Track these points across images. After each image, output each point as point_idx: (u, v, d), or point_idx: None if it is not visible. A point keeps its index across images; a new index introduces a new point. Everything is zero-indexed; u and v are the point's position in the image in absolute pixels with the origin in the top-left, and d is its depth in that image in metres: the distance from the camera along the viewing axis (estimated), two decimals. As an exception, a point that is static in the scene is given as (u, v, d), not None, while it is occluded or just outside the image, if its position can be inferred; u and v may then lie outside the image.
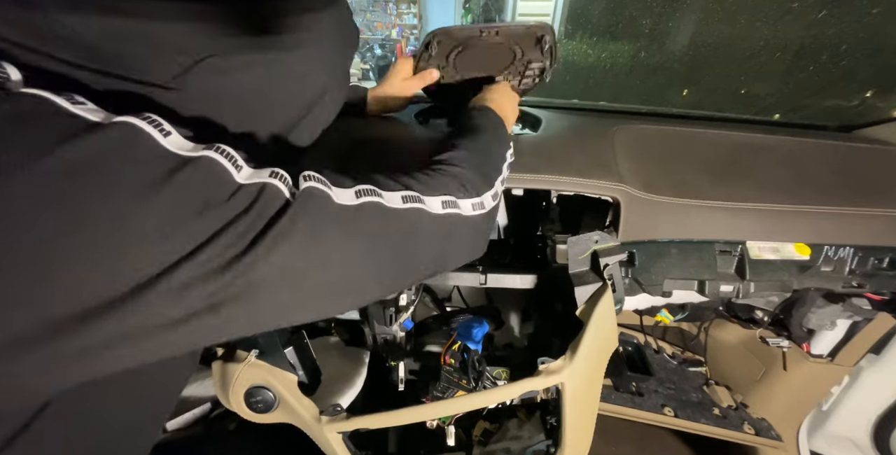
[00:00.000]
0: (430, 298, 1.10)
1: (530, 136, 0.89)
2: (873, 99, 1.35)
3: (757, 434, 1.12)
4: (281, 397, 0.67)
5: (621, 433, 1.49)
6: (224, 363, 0.68)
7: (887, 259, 0.87)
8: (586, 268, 0.74)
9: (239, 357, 0.67)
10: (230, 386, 0.67)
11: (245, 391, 0.67)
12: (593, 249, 0.73)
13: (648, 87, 2.74)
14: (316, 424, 0.67)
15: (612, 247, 0.73)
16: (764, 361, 1.17)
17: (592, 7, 3.72)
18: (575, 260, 0.74)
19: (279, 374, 0.68)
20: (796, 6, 1.79)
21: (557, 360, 0.65)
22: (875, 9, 1.44)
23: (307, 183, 0.34)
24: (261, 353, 0.68)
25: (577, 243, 0.74)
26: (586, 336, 0.66)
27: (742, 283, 0.84)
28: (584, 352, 0.65)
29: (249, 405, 0.68)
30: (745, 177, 0.86)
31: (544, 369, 0.65)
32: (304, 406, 0.68)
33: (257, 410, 0.68)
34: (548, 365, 0.65)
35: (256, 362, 0.67)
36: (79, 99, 0.28)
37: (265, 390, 0.67)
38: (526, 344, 1.05)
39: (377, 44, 7.85)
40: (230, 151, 0.32)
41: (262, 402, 0.67)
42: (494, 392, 0.67)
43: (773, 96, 1.90)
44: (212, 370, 0.70)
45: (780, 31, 1.87)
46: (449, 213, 0.44)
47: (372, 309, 0.81)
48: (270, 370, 0.67)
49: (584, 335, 0.66)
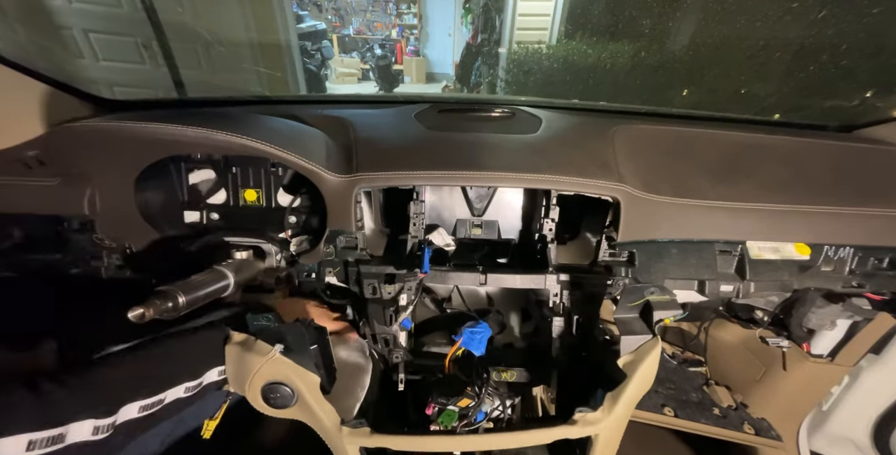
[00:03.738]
0: (429, 299, 1.10)
1: (530, 136, 0.89)
2: (873, 99, 1.35)
3: (757, 434, 1.12)
4: (301, 397, 0.65)
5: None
6: (244, 352, 0.64)
7: (887, 259, 0.87)
8: (635, 315, 0.70)
9: (261, 349, 0.64)
10: (249, 377, 0.64)
11: (264, 385, 0.64)
12: (647, 299, 0.69)
13: (648, 87, 2.74)
14: (336, 433, 0.65)
15: (668, 300, 0.69)
16: (764, 361, 1.17)
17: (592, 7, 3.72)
18: (625, 306, 0.70)
19: (303, 373, 0.65)
20: (796, 6, 1.79)
21: (596, 411, 0.65)
22: (875, 9, 1.44)
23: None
24: (286, 349, 0.65)
25: (632, 291, 0.70)
26: (628, 390, 0.65)
27: (742, 283, 0.84)
28: (622, 407, 0.64)
29: (265, 399, 0.65)
30: (745, 177, 0.86)
31: (581, 419, 0.64)
32: (325, 411, 0.66)
33: (273, 405, 0.65)
34: (585, 414, 0.64)
35: (281, 358, 0.63)
36: None
37: (284, 387, 0.64)
38: (525, 345, 1.05)
39: (377, 44, 7.85)
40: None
41: (280, 399, 0.64)
42: (529, 434, 0.66)
43: (773, 96, 1.90)
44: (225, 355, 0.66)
45: (780, 31, 1.87)
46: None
47: (372, 309, 0.81)
48: (295, 369, 0.64)
49: (627, 388, 0.65)
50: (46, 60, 1.85)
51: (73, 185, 0.80)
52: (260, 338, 0.65)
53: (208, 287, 0.70)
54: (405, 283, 0.81)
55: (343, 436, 0.64)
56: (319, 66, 5.80)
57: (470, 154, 0.80)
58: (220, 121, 0.77)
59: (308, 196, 0.89)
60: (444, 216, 0.99)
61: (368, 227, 0.97)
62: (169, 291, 0.61)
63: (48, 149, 0.78)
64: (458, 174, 0.77)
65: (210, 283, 0.71)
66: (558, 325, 0.82)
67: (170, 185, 0.89)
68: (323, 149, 0.82)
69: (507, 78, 4.45)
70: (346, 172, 0.78)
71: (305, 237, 0.88)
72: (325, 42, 6.01)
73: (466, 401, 0.72)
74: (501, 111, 0.98)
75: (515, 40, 4.81)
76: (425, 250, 0.81)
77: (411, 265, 0.81)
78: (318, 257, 0.82)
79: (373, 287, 0.80)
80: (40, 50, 1.92)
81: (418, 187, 0.84)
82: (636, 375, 0.65)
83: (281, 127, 0.85)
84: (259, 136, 0.75)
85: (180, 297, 0.62)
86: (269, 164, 0.89)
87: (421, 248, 0.85)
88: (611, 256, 0.85)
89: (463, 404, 0.72)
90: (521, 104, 1.08)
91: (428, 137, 0.87)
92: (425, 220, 0.89)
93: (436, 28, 7.91)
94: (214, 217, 0.91)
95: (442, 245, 0.91)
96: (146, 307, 0.57)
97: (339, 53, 7.68)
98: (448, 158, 0.79)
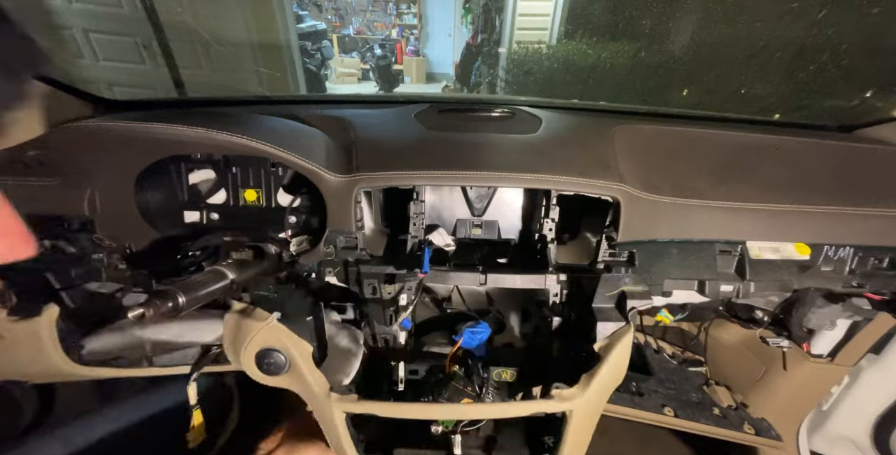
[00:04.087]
0: (429, 299, 1.10)
1: (530, 136, 0.89)
2: (873, 99, 1.35)
3: (757, 434, 1.12)
4: (294, 364, 0.68)
5: (621, 433, 1.49)
6: (241, 318, 0.68)
7: (887, 259, 0.87)
8: (611, 305, 0.76)
9: (259, 316, 0.68)
10: (245, 343, 0.67)
11: (259, 351, 0.67)
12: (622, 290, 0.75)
13: (648, 87, 2.75)
14: (325, 399, 0.68)
15: (642, 291, 0.75)
16: (764, 361, 1.17)
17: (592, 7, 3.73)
18: (602, 296, 0.75)
19: (297, 341, 0.68)
20: (796, 6, 1.79)
21: (571, 388, 0.69)
22: (875, 9, 1.44)
23: None
24: (284, 316, 0.68)
25: (608, 281, 0.75)
26: (602, 371, 0.70)
27: (742, 283, 0.84)
28: (596, 385, 0.70)
29: (259, 365, 0.68)
30: (745, 177, 0.86)
31: (557, 394, 0.69)
32: (316, 378, 0.69)
33: (266, 372, 0.68)
34: (561, 391, 0.69)
35: (277, 325, 0.67)
36: None
37: (278, 354, 0.67)
38: (525, 345, 1.05)
39: (377, 44, 7.85)
40: None
41: (273, 365, 0.67)
42: (507, 406, 0.71)
43: (773, 96, 1.90)
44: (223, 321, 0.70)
45: (780, 31, 1.87)
46: None
47: (372, 309, 0.81)
48: (290, 336, 0.67)
49: (600, 370, 0.70)
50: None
51: (73, 185, 0.80)
52: (258, 306, 0.68)
53: (208, 287, 0.70)
54: (405, 283, 0.81)
55: (332, 401, 0.67)
56: (319, 66, 5.81)
57: (470, 154, 0.80)
58: (220, 121, 0.77)
59: (308, 196, 0.89)
60: (444, 216, 0.99)
61: (368, 227, 0.97)
62: (169, 291, 0.61)
63: (48, 149, 0.78)
64: (459, 174, 0.77)
65: (210, 283, 0.71)
66: (558, 325, 0.82)
67: (170, 185, 0.89)
68: (323, 149, 0.82)
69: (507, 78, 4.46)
70: (346, 172, 0.78)
71: (305, 237, 0.88)
72: (325, 42, 6.02)
73: (467, 401, 0.73)
74: (501, 111, 0.98)
75: (515, 40, 4.82)
76: (425, 250, 0.81)
77: (411, 265, 0.81)
78: (318, 257, 0.82)
79: (373, 287, 0.80)
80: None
81: (418, 187, 0.84)
82: (610, 358, 0.71)
83: (281, 127, 0.85)
84: (259, 136, 0.75)
85: (180, 297, 0.61)
86: (269, 164, 0.89)
87: (421, 248, 0.85)
88: (611, 256, 0.85)
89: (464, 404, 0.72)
90: (521, 104, 1.08)
91: (428, 137, 0.87)
92: (425, 220, 0.89)
93: (436, 28, 7.91)
94: (214, 217, 0.91)
95: (442, 245, 0.91)
96: (146, 307, 0.57)
97: (339, 53, 7.68)
98: (448, 158, 0.79)
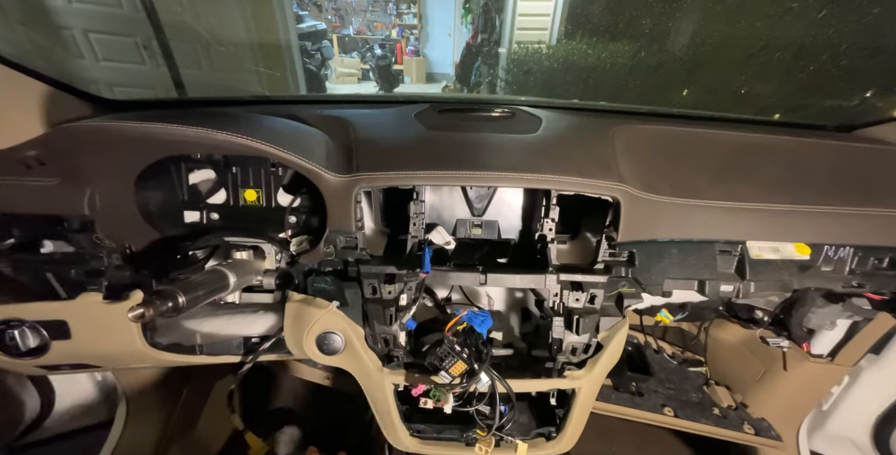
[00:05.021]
0: (429, 299, 1.10)
1: (530, 136, 0.89)
2: (873, 99, 1.35)
3: (757, 434, 1.12)
4: (350, 345, 0.80)
5: (621, 433, 1.49)
6: (302, 307, 0.80)
7: (887, 259, 0.87)
8: (611, 303, 0.87)
9: (320, 304, 0.80)
10: (307, 327, 0.79)
11: (319, 334, 0.79)
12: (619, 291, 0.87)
13: (648, 87, 2.75)
14: (377, 373, 0.82)
15: (635, 292, 0.87)
16: (764, 361, 1.17)
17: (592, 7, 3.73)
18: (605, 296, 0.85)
19: (353, 325, 0.81)
20: (796, 6, 1.79)
21: (581, 370, 0.85)
22: (875, 9, 1.44)
23: None
24: (341, 304, 0.81)
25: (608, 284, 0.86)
26: (603, 356, 0.84)
27: (742, 283, 0.84)
28: (598, 369, 0.84)
29: (319, 346, 0.79)
30: (745, 177, 0.86)
31: (569, 375, 0.84)
32: (369, 356, 0.82)
33: (325, 352, 0.80)
34: (573, 371, 0.85)
35: (337, 312, 0.79)
36: None
37: (336, 336, 0.79)
38: (524, 345, 1.05)
39: (377, 44, 7.85)
40: None
41: (332, 344, 0.80)
42: (529, 382, 0.84)
43: (773, 96, 1.90)
44: (284, 312, 0.81)
45: (779, 31, 1.87)
46: None
47: (372, 309, 0.81)
48: (347, 321, 0.80)
49: (602, 356, 0.84)
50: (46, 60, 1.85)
51: (73, 185, 0.80)
52: (319, 296, 0.82)
53: (208, 287, 0.70)
54: (406, 283, 0.81)
55: (384, 375, 0.82)
56: (319, 66, 5.80)
57: (470, 154, 0.80)
58: (220, 121, 0.76)
59: (308, 196, 0.89)
60: (444, 216, 0.99)
61: (368, 227, 0.97)
62: (169, 291, 0.61)
63: (48, 149, 0.78)
64: (459, 174, 0.77)
65: (210, 283, 0.71)
66: (558, 325, 0.82)
67: (170, 185, 0.89)
68: (323, 149, 0.82)
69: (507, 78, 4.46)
70: (346, 172, 0.78)
71: (305, 237, 0.88)
72: (325, 42, 6.02)
73: (461, 366, 0.74)
74: (501, 111, 0.98)
75: (515, 40, 4.82)
76: (426, 250, 0.81)
77: (412, 265, 0.81)
78: (318, 257, 0.82)
79: (373, 287, 0.80)
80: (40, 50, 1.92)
81: (418, 187, 0.84)
82: (610, 346, 0.84)
83: (281, 127, 0.85)
84: (259, 135, 0.74)
85: (180, 297, 0.62)
86: (269, 164, 0.88)
87: (421, 247, 0.85)
88: (611, 256, 0.85)
89: (456, 370, 0.74)
90: (521, 104, 1.08)
91: (428, 137, 0.87)
92: (425, 220, 0.89)
93: (436, 28, 7.91)
94: (214, 217, 0.91)
95: (441, 243, 0.91)
96: (146, 307, 0.57)
97: (339, 53, 7.68)
98: (448, 158, 0.79)
